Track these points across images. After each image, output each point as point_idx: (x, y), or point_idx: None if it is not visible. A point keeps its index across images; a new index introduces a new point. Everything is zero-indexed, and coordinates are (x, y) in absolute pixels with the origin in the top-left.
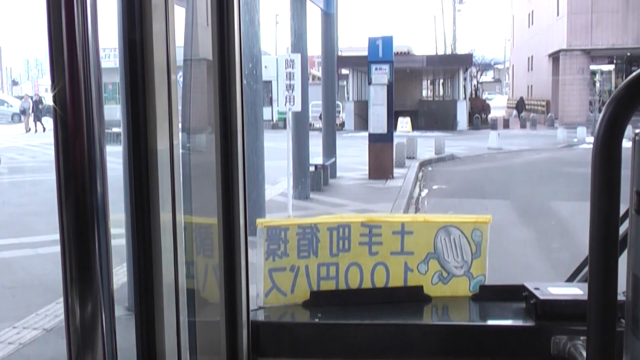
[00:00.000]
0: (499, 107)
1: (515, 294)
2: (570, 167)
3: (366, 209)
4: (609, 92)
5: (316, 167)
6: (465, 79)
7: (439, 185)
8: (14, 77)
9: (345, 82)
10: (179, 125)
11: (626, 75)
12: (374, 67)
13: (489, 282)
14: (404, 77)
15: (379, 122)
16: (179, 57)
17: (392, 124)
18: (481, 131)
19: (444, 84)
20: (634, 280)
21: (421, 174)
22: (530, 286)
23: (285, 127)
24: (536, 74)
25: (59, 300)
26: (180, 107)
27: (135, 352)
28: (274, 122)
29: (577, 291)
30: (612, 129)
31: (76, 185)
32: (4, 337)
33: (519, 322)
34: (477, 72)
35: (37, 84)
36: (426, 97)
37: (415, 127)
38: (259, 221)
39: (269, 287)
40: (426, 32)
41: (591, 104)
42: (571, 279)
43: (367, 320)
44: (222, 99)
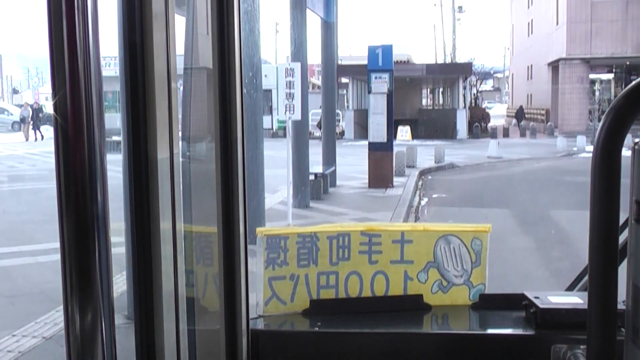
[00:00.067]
0: (498, 115)
1: (515, 302)
2: (570, 176)
3: (366, 217)
4: (609, 101)
5: (316, 175)
6: (464, 88)
7: (438, 194)
8: (15, 85)
9: (345, 91)
10: (179, 133)
11: (625, 84)
12: (373, 75)
13: (488, 291)
14: (403, 86)
15: (378, 130)
16: (179, 65)
17: (391, 133)
18: (481, 140)
19: (443, 93)
20: (634, 289)
21: (421, 183)
22: (530, 295)
23: (285, 135)
24: (536, 82)
25: (59, 308)
26: (180, 116)
27: None
28: (274, 131)
29: (577, 300)
30: (611, 138)
31: (76, 193)
32: (3, 346)
33: (519, 331)
34: (477, 81)
35: (38, 92)
36: (426, 105)
37: (415, 135)
38: (259, 230)
39: (269, 296)
40: (426, 41)
41: (591, 112)
42: (571, 287)
43: (367, 329)
44: (222, 108)
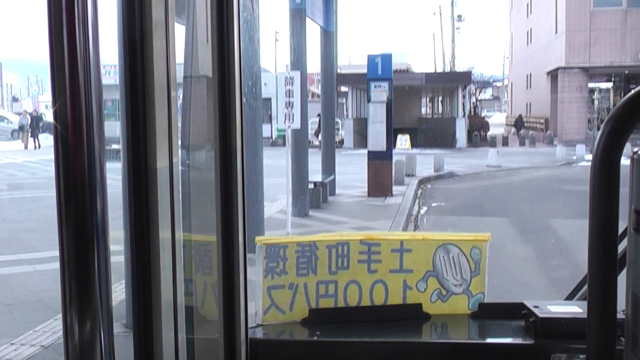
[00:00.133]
0: (497, 124)
1: (514, 311)
2: (569, 184)
3: (365, 226)
4: (608, 109)
5: (315, 184)
6: (464, 97)
7: (438, 202)
8: (15, 93)
9: (344, 100)
10: (178, 142)
11: (624, 93)
12: (373, 84)
13: (488, 300)
14: (403, 95)
15: (378, 139)
16: (179, 74)
17: (391, 142)
18: (480, 149)
19: (443, 102)
20: (634, 298)
21: (420, 192)
22: (529, 304)
23: (284, 144)
24: (535, 91)
25: (57, 317)
26: (179, 124)
27: None
28: (273, 140)
29: (577, 309)
30: (610, 147)
31: (76, 201)
32: (2, 354)
33: (519, 340)
34: (476, 90)
35: (38, 101)
36: (425, 114)
37: (414, 144)
38: (258, 239)
39: (268, 305)
40: (425, 49)
41: (590, 121)
42: (570, 297)
43: (366, 338)
44: (221, 117)
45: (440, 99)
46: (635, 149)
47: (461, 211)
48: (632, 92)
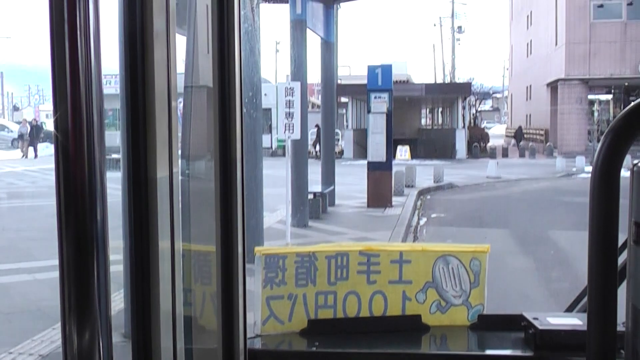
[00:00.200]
0: (497, 135)
1: (514, 323)
2: (569, 196)
3: (365, 237)
4: (607, 121)
5: (315, 194)
6: (464, 108)
7: (437, 213)
8: (15, 102)
9: (344, 110)
10: (178, 152)
11: (624, 105)
12: (373, 95)
13: (487, 311)
14: (403, 106)
15: (378, 150)
16: (179, 84)
17: (391, 152)
18: (480, 160)
19: (442, 113)
20: (634, 310)
21: (420, 203)
22: (529, 316)
23: (284, 154)
24: (535, 103)
25: (55, 326)
26: (180, 134)
27: None
28: (273, 150)
29: (577, 321)
30: (610, 159)
31: (76, 210)
32: None
33: (518, 352)
34: (476, 101)
35: (38, 110)
36: (425, 125)
37: (414, 155)
38: (257, 249)
39: (267, 315)
40: (425, 60)
41: (590, 133)
42: (570, 309)
43: (365, 349)
44: (221, 127)
45: (440, 110)
46: (635, 161)
47: (461, 222)
48: (632, 104)
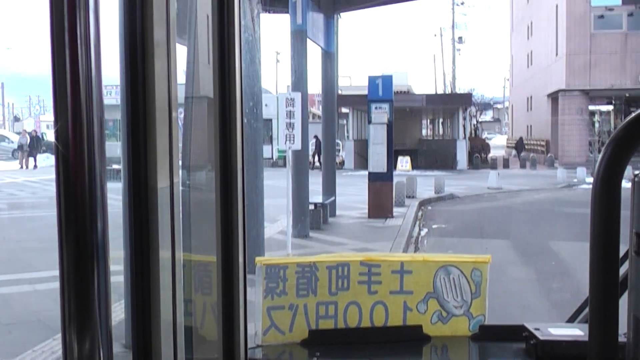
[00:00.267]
0: (498, 146)
1: (515, 334)
2: (570, 207)
3: (366, 247)
4: (608, 132)
5: (316, 205)
6: (464, 118)
7: (438, 224)
8: (16, 113)
9: (345, 121)
10: (179, 162)
11: (625, 116)
12: (373, 106)
13: (488, 322)
14: (403, 116)
15: (378, 161)
16: (180, 94)
17: (391, 163)
18: (481, 171)
19: (443, 123)
20: (635, 321)
21: (421, 213)
22: (530, 326)
23: (285, 165)
24: (535, 113)
25: (56, 336)
26: (180, 145)
27: None
28: (274, 160)
29: (578, 332)
30: (611, 170)
31: (77, 221)
32: None
33: None
34: (477, 112)
35: (39, 121)
36: (426, 136)
37: (415, 166)
38: (258, 259)
39: (267, 326)
40: (426, 71)
41: (591, 144)
42: (572, 319)
43: (366, 359)
44: (222, 137)
45: (441, 120)
46: (636, 172)
47: (461, 233)
48: (633, 114)
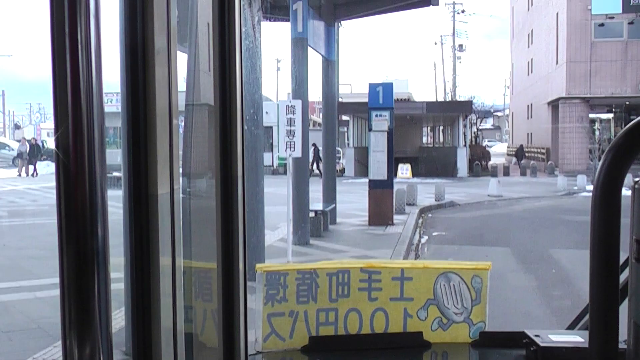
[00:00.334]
0: (498, 154)
1: (515, 341)
2: (570, 215)
3: (366, 255)
4: (609, 140)
5: (316, 212)
6: (465, 126)
7: (438, 232)
8: (17, 120)
9: (345, 128)
10: (179, 169)
11: (625, 123)
12: (374, 113)
13: (489, 328)
14: (404, 124)
15: (379, 168)
16: (180, 102)
17: (392, 171)
18: (481, 178)
19: (444, 131)
20: (635, 328)
21: (421, 221)
22: (530, 333)
23: (285, 172)
24: (536, 121)
25: (57, 344)
26: (181, 152)
27: None
28: (275, 168)
29: (578, 339)
30: (611, 177)
31: (77, 228)
32: None
33: None
34: (477, 119)
35: (40, 128)
36: (426, 143)
37: (415, 173)
38: (259, 266)
39: (268, 332)
40: (426, 79)
41: (591, 152)
42: (572, 326)
43: None
44: (222, 144)
45: (441, 128)
46: (636, 179)
47: (462, 240)
48: (633, 122)
